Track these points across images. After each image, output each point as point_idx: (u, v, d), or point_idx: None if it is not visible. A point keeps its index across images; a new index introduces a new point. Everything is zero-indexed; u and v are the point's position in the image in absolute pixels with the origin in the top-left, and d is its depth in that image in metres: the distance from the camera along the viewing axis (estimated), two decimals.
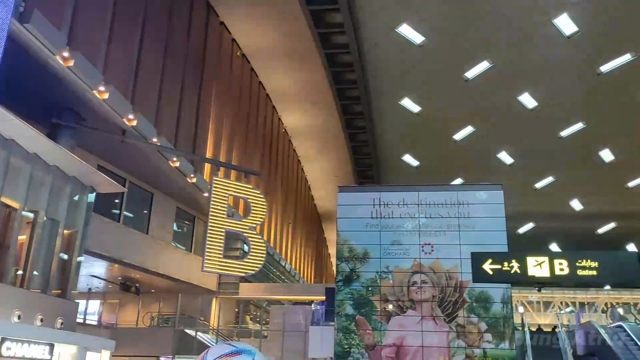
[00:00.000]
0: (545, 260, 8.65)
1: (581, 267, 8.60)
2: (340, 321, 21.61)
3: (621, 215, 41.86)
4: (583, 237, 43.50)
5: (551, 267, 8.59)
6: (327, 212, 47.81)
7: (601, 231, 44.27)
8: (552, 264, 8.59)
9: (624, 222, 43.03)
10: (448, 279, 21.54)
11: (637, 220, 42.86)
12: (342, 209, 23.29)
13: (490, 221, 21.89)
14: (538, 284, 9.19)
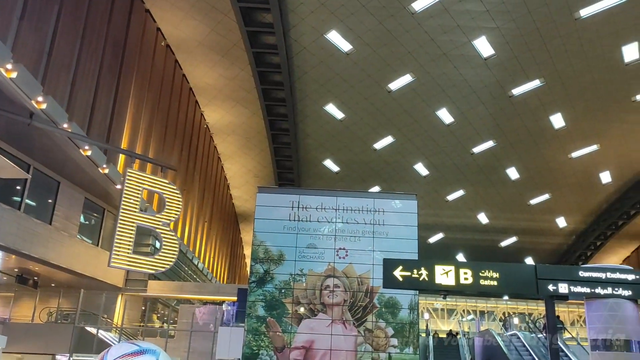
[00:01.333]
0: (451, 269, 9.01)
1: (484, 277, 9.03)
2: (251, 322, 21.42)
3: (522, 230, 44.71)
4: (487, 249, 46.02)
5: (457, 276, 8.96)
6: (244, 212, 47.35)
7: (504, 244, 47.00)
8: (458, 273, 8.96)
9: (524, 237, 46.00)
10: (360, 284, 21.97)
11: (535, 235, 45.96)
12: (260, 209, 23.14)
13: (403, 229, 22.60)
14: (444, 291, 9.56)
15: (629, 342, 8.67)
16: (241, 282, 47.77)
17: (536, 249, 48.03)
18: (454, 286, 9.10)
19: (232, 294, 26.82)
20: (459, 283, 9.08)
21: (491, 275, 9.03)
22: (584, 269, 9.09)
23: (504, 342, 20.73)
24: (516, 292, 10.37)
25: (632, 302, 8.76)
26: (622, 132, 32.72)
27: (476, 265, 9.38)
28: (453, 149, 34.66)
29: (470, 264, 10.05)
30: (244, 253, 55.66)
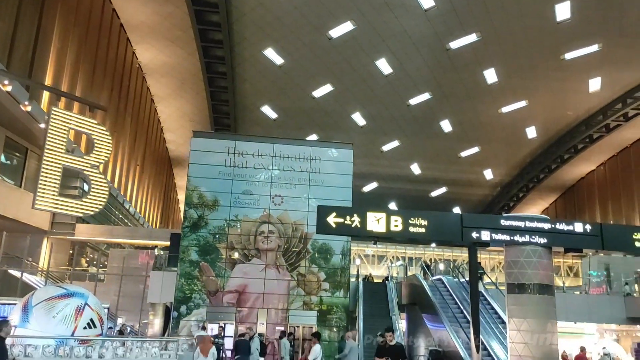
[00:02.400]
0: (383, 217, 9.26)
1: (413, 225, 9.35)
2: (184, 267, 21.37)
3: (452, 181, 46.48)
4: (418, 199, 47.68)
5: (387, 223, 9.23)
6: (179, 157, 46.32)
7: (434, 194, 48.78)
8: (389, 221, 9.23)
9: (453, 188, 47.90)
10: (294, 230, 22.29)
11: (464, 187, 47.97)
12: (195, 154, 22.69)
13: (338, 178, 22.93)
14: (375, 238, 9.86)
15: (542, 286, 9.30)
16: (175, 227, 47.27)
17: (464, 199, 50.22)
18: (384, 233, 9.38)
19: (164, 238, 26.53)
20: (390, 230, 9.37)
21: (420, 222, 9.37)
22: (505, 218, 9.60)
23: (429, 286, 21.82)
24: (443, 239, 10.86)
25: (546, 249, 9.36)
26: (550, 90, 34.13)
27: (406, 213, 9.69)
28: (390, 100, 35.03)
29: (401, 212, 10.38)
30: (178, 198, 54.86)
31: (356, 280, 24.72)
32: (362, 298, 22.21)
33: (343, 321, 21.54)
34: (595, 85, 33.37)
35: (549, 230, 9.32)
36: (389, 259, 43.82)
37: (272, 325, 20.99)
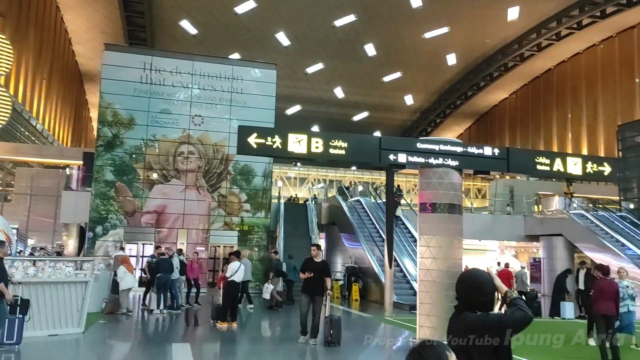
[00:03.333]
0: (304, 138, 9.26)
1: (333, 147, 9.44)
2: (99, 187, 20.66)
3: (374, 105, 47.12)
4: (341, 123, 48.10)
5: (308, 145, 9.26)
6: (90, 72, 43.36)
7: (356, 118, 49.39)
8: (310, 142, 9.26)
9: (375, 112, 48.66)
10: (215, 151, 21.96)
11: (385, 111, 48.83)
12: (108, 69, 21.36)
13: (261, 99, 22.54)
14: (296, 159, 9.91)
15: (451, 206, 9.84)
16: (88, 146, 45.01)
17: (384, 124, 51.30)
18: (305, 154, 9.43)
19: (76, 157, 25.31)
20: (310, 151, 9.42)
21: (340, 145, 9.47)
22: (421, 141, 9.90)
23: (347, 207, 22.56)
24: (362, 161, 11.08)
25: (457, 172, 9.83)
26: (471, 17, 34.64)
27: (327, 135, 9.76)
28: (315, 20, 34.22)
29: (322, 134, 10.40)
30: (91, 116, 51.96)
31: (278, 201, 25.06)
32: (283, 218, 22.65)
33: (264, 241, 21.99)
34: (514, 14, 34.22)
35: (461, 153, 9.75)
36: (311, 181, 44.57)
37: (192, 245, 21.05)
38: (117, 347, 9.85)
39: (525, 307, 2.42)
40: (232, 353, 8.86)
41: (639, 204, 25.37)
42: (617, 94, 38.66)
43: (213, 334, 10.81)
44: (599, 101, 40.17)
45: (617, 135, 28.03)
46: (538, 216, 27.33)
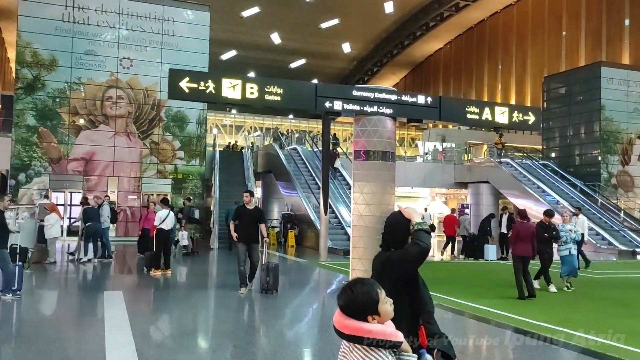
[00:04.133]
0: (238, 83, 9.04)
1: (269, 93, 9.30)
2: (20, 132, 19.49)
3: (311, 53, 46.54)
4: (278, 70, 47.30)
5: (243, 90, 9.06)
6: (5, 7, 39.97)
7: (293, 65, 48.69)
8: (244, 87, 9.06)
9: (313, 60, 48.13)
10: (146, 96, 21.12)
11: (322, 59, 48.38)
12: (25, 5, 19.76)
13: (194, 42, 21.67)
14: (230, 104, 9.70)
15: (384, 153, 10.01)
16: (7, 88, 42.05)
17: (322, 72, 50.91)
18: (240, 100, 9.22)
19: None
20: (245, 97, 9.23)
21: (275, 90, 9.33)
22: (356, 88, 9.91)
23: (284, 155, 22.53)
24: (297, 108, 10.99)
25: (391, 120, 9.96)
26: None
27: (262, 80, 9.57)
28: None
29: (257, 79, 10.21)
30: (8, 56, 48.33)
31: (213, 149, 24.63)
32: (219, 166, 22.36)
33: (199, 189, 21.69)
34: None
35: (395, 101, 9.85)
36: (247, 129, 44.00)
37: (123, 193, 20.48)
38: (47, 297, 9.59)
39: (422, 240, 2.45)
40: (165, 299, 8.84)
41: (561, 152, 26.82)
42: (545, 47, 40.04)
43: (146, 281, 10.71)
44: (528, 53, 41.50)
45: (542, 86, 29.18)
46: (467, 164, 28.42)
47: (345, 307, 2.03)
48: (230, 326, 7.22)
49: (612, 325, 7.14)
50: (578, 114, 25.94)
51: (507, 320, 7.50)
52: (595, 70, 25.58)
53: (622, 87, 24.96)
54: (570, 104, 26.61)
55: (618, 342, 6.19)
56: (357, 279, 2.11)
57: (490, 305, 8.50)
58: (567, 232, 10.35)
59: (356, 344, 2.01)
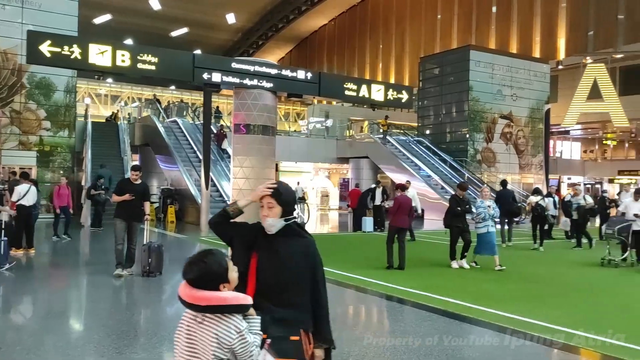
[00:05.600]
0: (108, 50, 8.47)
1: (142, 61, 8.83)
2: None
3: (194, 21, 44.75)
4: (158, 38, 44.91)
5: (113, 57, 8.50)
6: None
7: (174, 34, 46.55)
8: (115, 54, 8.50)
9: (195, 29, 46.32)
10: (5, 60, 19.08)
11: (206, 29, 46.77)
12: None
13: (60, 3, 19.82)
14: (99, 72, 9.04)
15: (265, 127, 9.97)
16: None
17: (205, 42, 49.26)
18: (110, 67, 8.67)
19: None
20: (116, 65, 8.69)
21: (150, 59, 8.88)
22: (236, 61, 9.75)
23: (163, 127, 21.64)
24: (173, 78, 10.59)
25: (272, 94, 9.92)
26: None
27: (135, 47, 9.05)
28: None
29: (129, 46, 9.66)
30: None
31: (84, 120, 22.98)
32: (91, 138, 20.96)
33: (68, 162, 20.18)
34: None
35: (276, 75, 9.83)
36: (124, 99, 41.64)
37: None
38: None
39: (217, 215, 2.48)
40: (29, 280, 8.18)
41: (434, 130, 28.50)
42: (422, 28, 42.07)
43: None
44: (407, 34, 43.36)
45: (419, 66, 30.67)
46: (349, 140, 29.27)
47: (199, 278, 2.04)
48: (103, 306, 6.86)
49: (471, 290, 7.82)
50: (449, 94, 27.65)
51: (377, 287, 7.92)
52: (465, 53, 27.32)
53: (488, 70, 26.94)
54: (442, 84, 28.26)
55: (474, 304, 6.79)
56: (205, 251, 2.13)
57: (363, 274, 8.90)
58: (485, 208, 9.79)
59: (215, 313, 2.02)
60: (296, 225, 2.41)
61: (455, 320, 6.08)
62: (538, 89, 28.41)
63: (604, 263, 10.47)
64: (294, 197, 2.43)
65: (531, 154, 28.17)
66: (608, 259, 10.51)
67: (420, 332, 5.70)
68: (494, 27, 37.88)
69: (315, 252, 2.42)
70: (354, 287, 8.11)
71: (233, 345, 2.03)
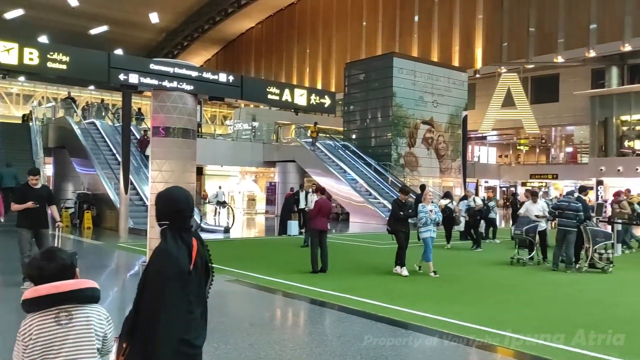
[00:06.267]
0: (15, 47, 8.00)
1: (52, 60, 8.41)
2: None
3: (115, 20, 43.14)
4: (76, 36, 42.92)
5: (20, 55, 8.04)
6: None
7: (94, 32, 44.68)
8: (22, 52, 8.05)
9: (116, 28, 44.67)
10: None
11: (127, 27, 45.22)
12: None
13: None
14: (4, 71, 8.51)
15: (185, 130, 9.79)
16: None
17: (127, 41, 47.61)
18: (16, 66, 8.19)
19: None
20: (23, 63, 8.23)
21: (61, 58, 8.46)
22: (155, 62, 9.50)
23: (80, 129, 20.69)
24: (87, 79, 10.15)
25: (192, 96, 9.77)
26: None
27: (45, 45, 8.62)
28: None
29: (39, 44, 9.16)
30: None
31: None
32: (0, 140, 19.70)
33: None
34: None
35: (196, 78, 9.66)
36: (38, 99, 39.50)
37: None
38: None
39: None
40: None
41: (359, 134, 29.04)
42: (348, 35, 42.82)
43: None
44: (333, 39, 43.97)
45: (344, 72, 31.17)
46: (275, 143, 29.25)
47: (61, 272, 2.16)
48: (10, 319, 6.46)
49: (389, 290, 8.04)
50: (374, 99, 28.29)
51: (298, 290, 7.97)
52: (388, 60, 28.05)
53: (410, 77, 27.81)
54: (367, 90, 28.87)
55: (390, 304, 6.99)
56: (50, 249, 2.31)
57: (286, 278, 8.92)
58: (427, 212, 9.59)
59: (86, 303, 2.17)
60: (167, 231, 2.35)
61: (371, 321, 6.22)
62: (457, 96, 29.65)
63: (513, 262, 11.08)
64: (162, 204, 2.40)
65: (451, 158, 29.33)
66: (517, 258, 11.13)
67: (337, 333, 5.80)
68: (416, 35, 39.19)
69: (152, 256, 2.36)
70: (276, 291, 8.11)
71: (106, 332, 2.15)
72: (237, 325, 6.04)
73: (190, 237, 2.38)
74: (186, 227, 2.39)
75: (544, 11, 33.15)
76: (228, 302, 7.40)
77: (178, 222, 2.36)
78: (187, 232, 2.38)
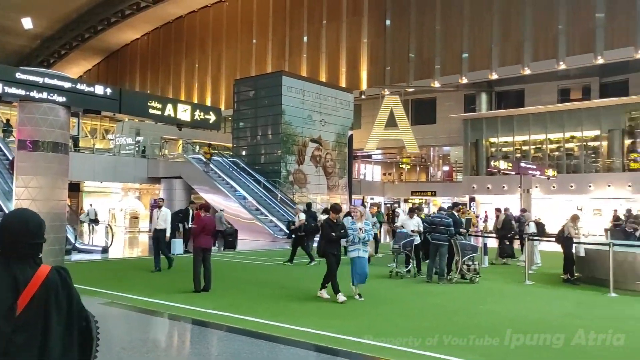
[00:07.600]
0: None
1: None
2: None
3: None
4: None
5: None
6: None
7: None
8: None
9: None
10: None
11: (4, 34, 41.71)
12: None
13: None
14: None
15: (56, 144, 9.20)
16: None
17: None
18: None
19: None
20: None
21: None
22: (22, 71, 8.86)
23: None
24: None
25: (65, 109, 9.23)
26: None
27: None
28: None
29: None
30: None
31: None
32: None
33: None
34: None
35: (69, 89, 9.14)
36: None
37: None
38: None
39: None
40: None
41: (249, 151, 28.94)
42: (238, 51, 42.78)
43: None
44: (223, 55, 43.69)
45: (233, 88, 31.03)
46: (161, 159, 28.28)
47: None
48: None
49: (271, 307, 8.05)
50: (264, 116, 28.42)
51: (178, 310, 7.73)
52: (277, 78, 28.38)
53: (299, 96, 28.33)
54: (257, 107, 28.95)
55: (272, 320, 6.99)
56: None
57: (165, 298, 8.61)
58: (355, 230, 8.78)
59: None
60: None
61: (252, 338, 6.19)
62: (344, 116, 30.66)
63: (392, 275, 11.60)
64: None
65: (338, 175, 30.17)
66: (395, 271, 11.67)
67: (215, 352, 5.70)
68: (305, 55, 40.10)
69: None
70: (154, 312, 7.80)
71: None
72: (105, 351, 5.72)
73: (25, 269, 2.01)
74: (20, 256, 2.03)
75: (423, 39, 35.49)
76: (99, 327, 6.97)
77: (10, 250, 2.03)
78: (21, 263, 2.02)
